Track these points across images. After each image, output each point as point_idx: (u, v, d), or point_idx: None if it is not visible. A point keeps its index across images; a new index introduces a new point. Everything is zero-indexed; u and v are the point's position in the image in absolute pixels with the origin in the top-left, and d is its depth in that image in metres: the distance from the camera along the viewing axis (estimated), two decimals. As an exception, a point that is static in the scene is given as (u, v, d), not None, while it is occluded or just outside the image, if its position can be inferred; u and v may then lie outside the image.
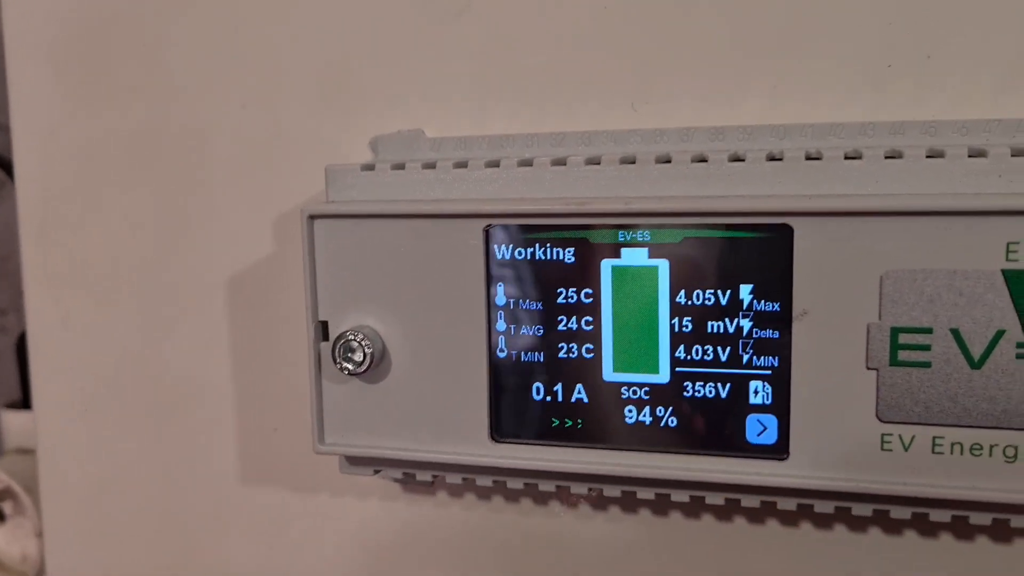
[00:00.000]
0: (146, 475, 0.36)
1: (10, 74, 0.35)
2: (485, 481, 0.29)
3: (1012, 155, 0.23)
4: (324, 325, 0.28)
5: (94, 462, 0.37)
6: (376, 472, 0.29)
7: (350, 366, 0.27)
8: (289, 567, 0.35)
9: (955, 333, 0.23)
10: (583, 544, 0.31)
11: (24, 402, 0.62)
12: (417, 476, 0.29)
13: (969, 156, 0.23)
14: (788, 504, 0.26)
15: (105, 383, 0.36)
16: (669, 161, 0.25)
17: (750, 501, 0.26)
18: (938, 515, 0.25)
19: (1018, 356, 0.23)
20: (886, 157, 0.24)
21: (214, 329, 0.34)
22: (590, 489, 0.28)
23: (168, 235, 0.34)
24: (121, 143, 0.34)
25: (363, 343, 0.27)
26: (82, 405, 0.36)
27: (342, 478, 0.31)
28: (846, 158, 0.24)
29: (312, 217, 0.27)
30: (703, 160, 0.25)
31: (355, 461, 0.29)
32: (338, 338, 0.27)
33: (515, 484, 0.28)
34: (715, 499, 0.26)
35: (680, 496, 0.27)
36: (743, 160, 0.25)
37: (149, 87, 0.33)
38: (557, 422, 0.26)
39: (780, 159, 0.24)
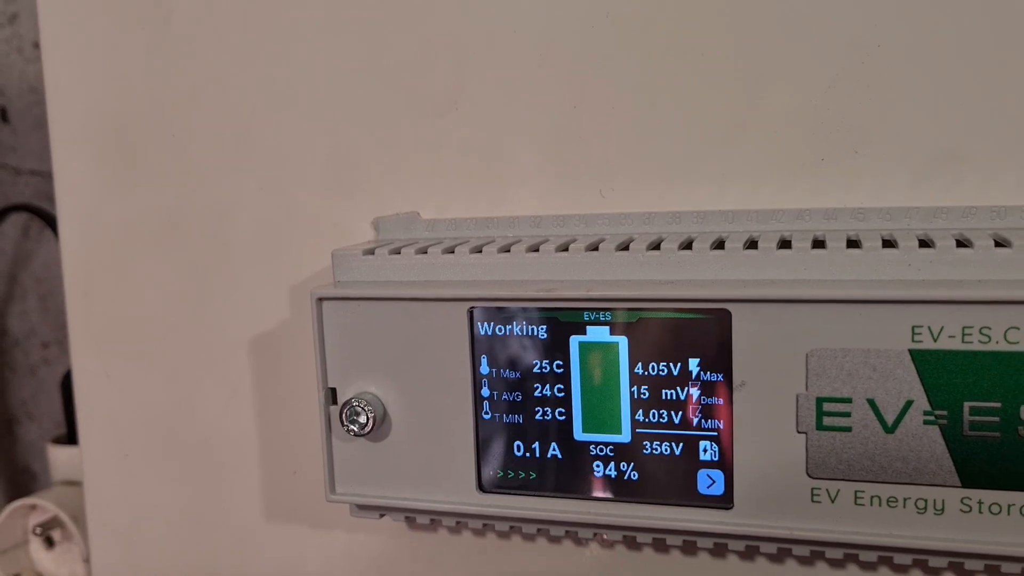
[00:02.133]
0: (180, 510, 0.40)
1: (55, 160, 0.39)
2: (476, 524, 0.32)
3: (920, 246, 0.26)
4: (333, 391, 0.32)
5: (134, 498, 0.41)
6: (381, 516, 0.33)
7: (355, 428, 0.31)
8: (309, 594, 0.39)
9: (871, 403, 0.26)
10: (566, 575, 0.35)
11: (69, 437, 0.66)
12: (417, 520, 0.33)
13: (883, 246, 0.27)
14: (737, 546, 0.29)
15: (143, 429, 0.40)
16: (627, 248, 0.29)
17: (704, 543, 0.30)
18: (866, 555, 0.28)
19: (925, 422, 0.26)
20: (813, 246, 0.27)
21: (237, 384, 0.38)
22: (567, 532, 0.31)
23: (194, 301, 0.38)
24: (153, 220, 0.38)
25: (366, 408, 0.31)
26: (123, 449, 0.41)
27: (354, 518, 0.36)
28: (779, 246, 0.28)
29: (320, 299, 0.31)
30: (657, 248, 0.29)
31: (363, 507, 0.33)
32: (345, 404, 0.31)
33: (502, 527, 0.32)
34: (674, 540, 0.30)
35: (644, 538, 0.30)
36: (690, 249, 0.28)
37: (177, 172, 0.38)
38: (535, 475, 0.30)
39: (722, 247, 0.28)
